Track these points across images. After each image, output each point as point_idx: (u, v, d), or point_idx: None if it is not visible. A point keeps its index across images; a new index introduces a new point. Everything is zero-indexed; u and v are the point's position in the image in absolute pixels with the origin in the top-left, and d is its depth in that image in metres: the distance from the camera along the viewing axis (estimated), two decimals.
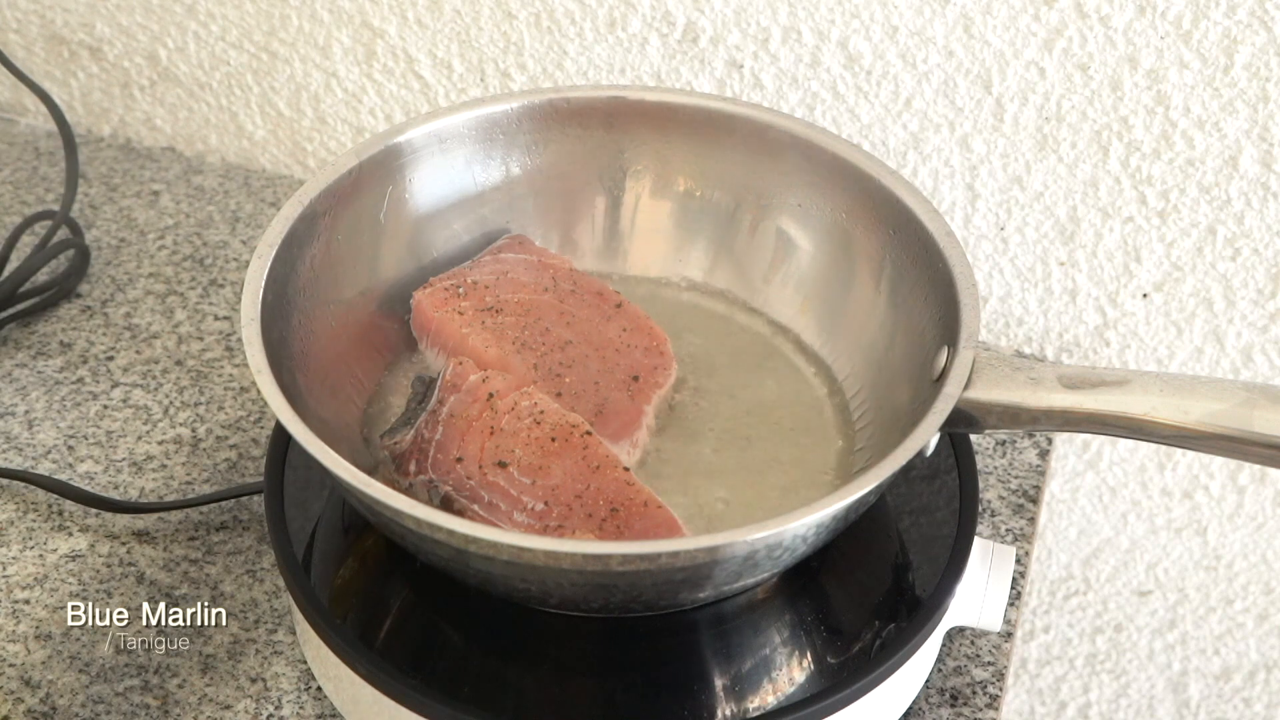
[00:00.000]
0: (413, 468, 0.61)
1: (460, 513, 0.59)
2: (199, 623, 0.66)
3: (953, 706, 0.63)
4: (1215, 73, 0.69)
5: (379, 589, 0.63)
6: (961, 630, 0.67)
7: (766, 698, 0.58)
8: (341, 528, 0.65)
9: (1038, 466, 0.75)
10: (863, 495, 0.52)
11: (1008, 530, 0.72)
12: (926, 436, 0.54)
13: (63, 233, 0.84)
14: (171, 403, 0.76)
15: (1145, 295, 0.77)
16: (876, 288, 0.67)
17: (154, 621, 0.66)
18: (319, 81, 0.87)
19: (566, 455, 0.60)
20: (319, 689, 0.63)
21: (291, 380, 0.59)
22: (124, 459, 0.73)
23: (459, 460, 0.60)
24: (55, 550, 0.69)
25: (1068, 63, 0.71)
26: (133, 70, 0.91)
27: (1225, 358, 0.78)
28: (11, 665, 0.64)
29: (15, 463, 0.73)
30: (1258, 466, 0.75)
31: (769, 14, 0.75)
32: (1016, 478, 0.74)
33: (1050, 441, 0.76)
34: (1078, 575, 0.90)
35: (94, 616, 0.66)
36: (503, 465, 0.60)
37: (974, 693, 0.64)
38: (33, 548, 0.69)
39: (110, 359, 0.79)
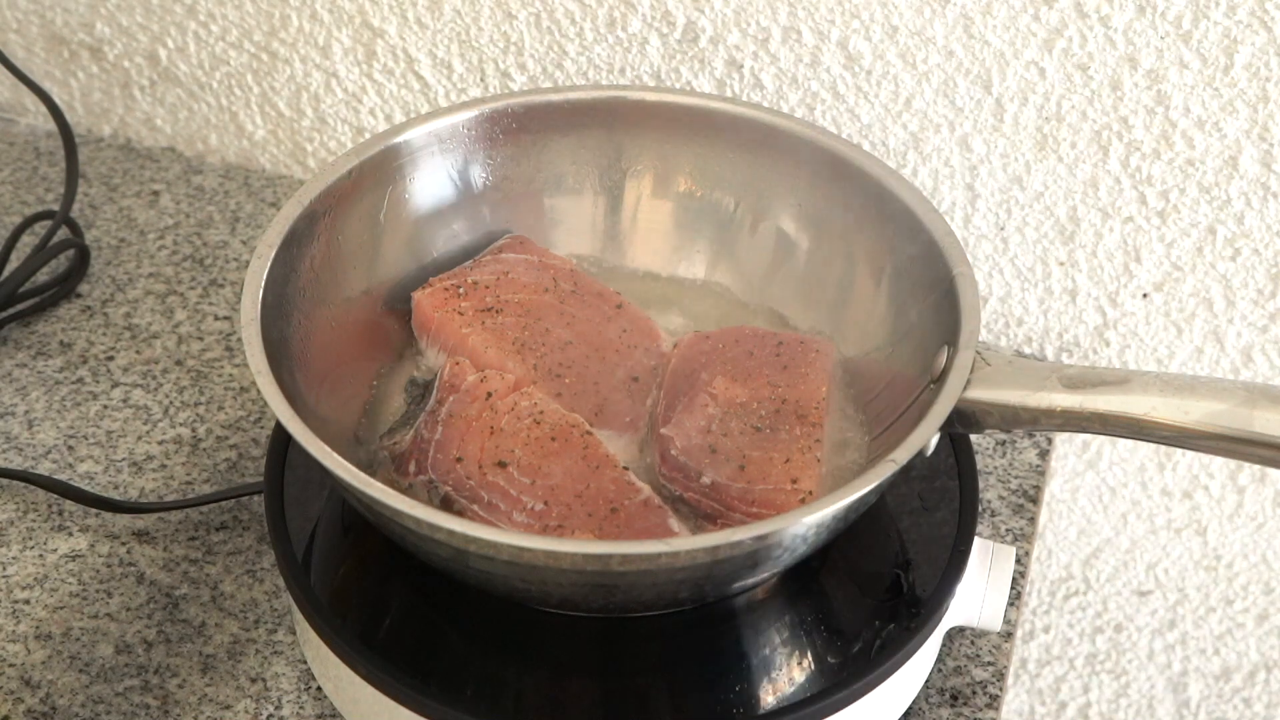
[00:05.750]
0: (412, 468, 0.61)
1: (460, 513, 0.59)
2: (199, 623, 0.66)
3: (953, 706, 0.63)
4: (1215, 73, 0.69)
5: (379, 589, 0.63)
6: (961, 630, 0.67)
7: (766, 698, 0.58)
8: (341, 528, 0.65)
9: (1038, 466, 0.75)
10: (862, 495, 0.52)
11: (1008, 530, 0.72)
12: (926, 436, 0.54)
13: (63, 233, 0.84)
14: (171, 403, 0.76)
15: (1145, 295, 0.77)
16: (877, 288, 0.67)
17: (154, 621, 0.66)
18: (319, 81, 0.87)
19: (566, 455, 0.60)
20: (319, 689, 0.63)
21: (291, 380, 0.59)
22: (124, 459, 0.73)
23: (459, 460, 0.60)
24: (55, 550, 0.69)
25: (1068, 63, 0.71)
26: (133, 70, 0.91)
27: (1225, 358, 0.78)
28: (11, 665, 0.64)
29: (15, 463, 0.73)
30: (1258, 466, 0.75)
31: (769, 14, 0.75)
32: (1016, 478, 0.74)
33: (1050, 441, 0.76)
34: (1078, 575, 0.90)
35: (94, 616, 0.66)
36: (502, 465, 0.60)
37: (974, 693, 0.64)
38: (33, 548, 0.69)
39: (110, 359, 0.79)
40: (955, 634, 0.66)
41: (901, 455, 0.53)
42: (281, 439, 0.66)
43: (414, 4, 0.81)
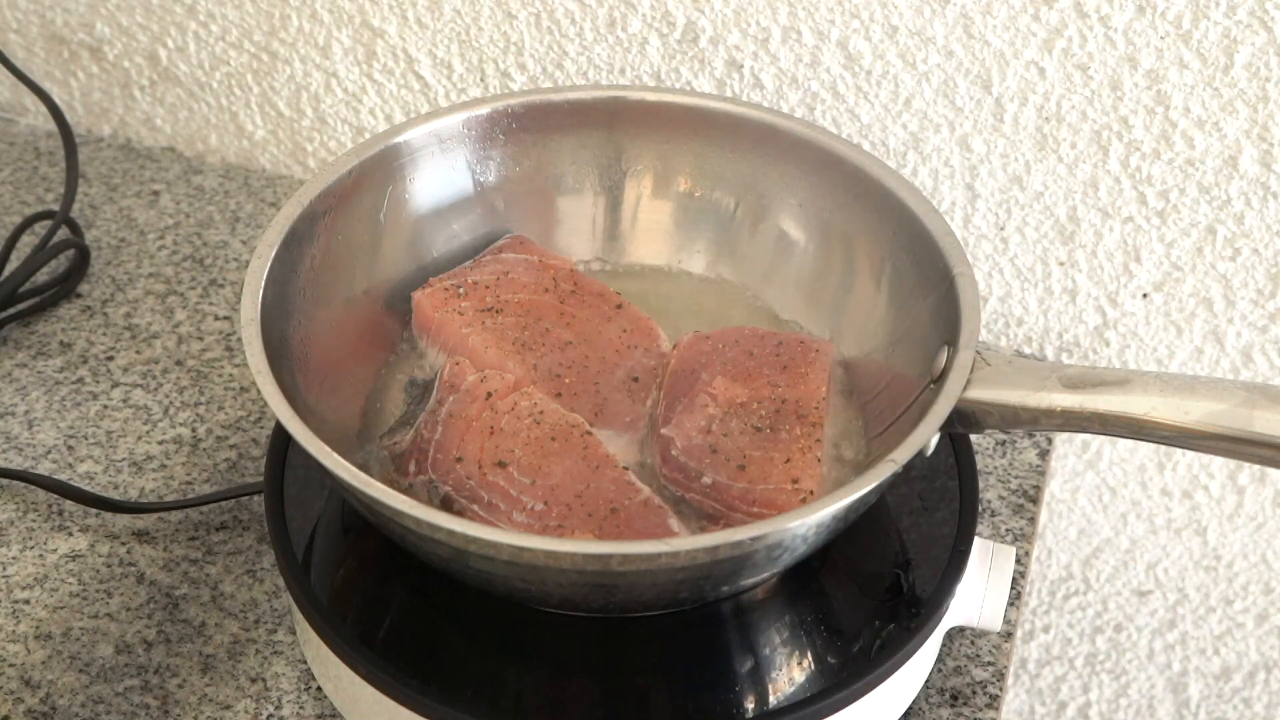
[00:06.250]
0: (412, 468, 0.61)
1: (460, 513, 0.59)
2: (199, 623, 0.66)
3: (953, 706, 0.63)
4: (1215, 73, 0.69)
5: (379, 589, 0.63)
6: (961, 630, 0.67)
7: (766, 698, 0.58)
8: (341, 528, 0.65)
9: (1038, 466, 0.75)
10: (862, 495, 0.52)
11: (1008, 530, 0.72)
12: (926, 436, 0.54)
13: (63, 233, 0.84)
14: (171, 403, 0.76)
15: (1145, 295, 0.77)
16: (877, 288, 0.67)
17: (154, 621, 0.66)
18: (319, 81, 0.87)
19: (566, 455, 0.60)
20: (319, 689, 0.63)
21: (291, 380, 0.59)
22: (124, 459, 0.73)
23: (459, 460, 0.60)
24: (55, 550, 0.69)
25: (1068, 63, 0.71)
26: (133, 70, 0.91)
27: (1225, 358, 0.78)
28: (11, 665, 0.64)
29: (15, 463, 0.73)
30: (1258, 466, 0.75)
31: (769, 14, 0.75)
32: (1016, 478, 0.74)
33: (1050, 441, 0.76)
34: (1078, 575, 0.90)
35: (94, 616, 0.66)
36: (502, 465, 0.60)
37: (974, 693, 0.64)
38: (33, 548, 0.69)
39: (110, 359, 0.79)
40: (955, 634, 0.66)
41: (901, 455, 0.53)
42: (281, 439, 0.66)
43: (414, 4, 0.81)
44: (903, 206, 0.64)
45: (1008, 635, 0.66)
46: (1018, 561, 0.69)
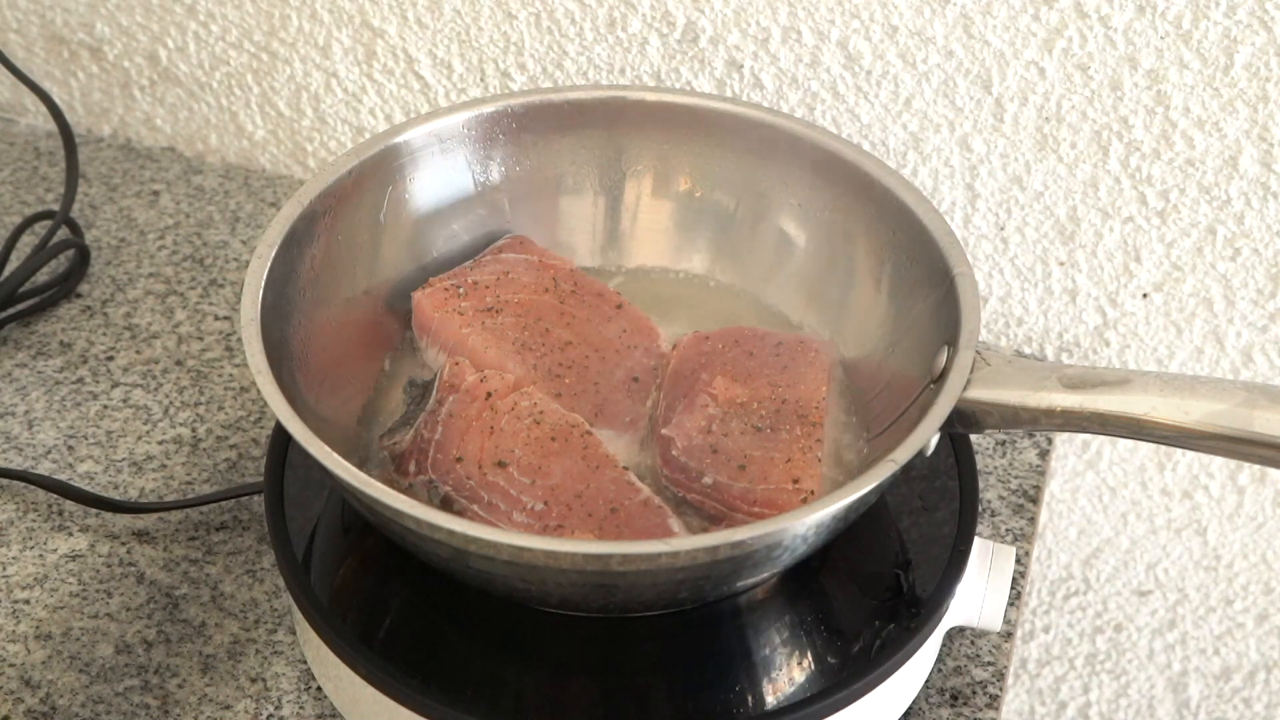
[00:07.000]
0: (412, 468, 0.61)
1: (460, 513, 0.59)
2: (199, 623, 0.66)
3: (953, 706, 0.63)
4: (1215, 73, 0.69)
5: (379, 589, 0.63)
6: (961, 630, 0.67)
7: (766, 698, 0.58)
8: (341, 528, 0.65)
9: (1038, 466, 0.75)
10: (862, 495, 0.52)
11: (1008, 530, 0.72)
12: (926, 436, 0.54)
13: (63, 233, 0.84)
14: (171, 403, 0.76)
15: (1145, 295, 0.77)
16: (877, 288, 0.67)
17: (154, 621, 0.66)
18: (319, 81, 0.87)
19: (566, 455, 0.60)
20: (319, 689, 0.63)
21: (291, 380, 0.59)
22: (124, 459, 0.73)
23: (459, 460, 0.60)
24: (55, 550, 0.69)
25: (1068, 63, 0.71)
26: (133, 70, 0.91)
27: (1225, 358, 0.78)
28: (11, 665, 0.64)
29: (15, 463, 0.73)
30: (1258, 466, 0.75)
31: (769, 14, 0.75)
32: (1016, 478, 0.74)
33: (1050, 441, 0.76)
34: (1078, 575, 0.90)
35: (94, 616, 0.66)
36: (502, 465, 0.60)
37: (974, 693, 0.64)
38: (33, 548, 0.69)
39: (110, 359, 0.79)
40: (955, 634, 0.66)
41: (901, 455, 0.53)
42: (281, 439, 0.66)
43: (414, 4, 0.81)
44: (903, 206, 0.64)
45: (1008, 635, 0.66)
46: (1018, 561, 0.69)
